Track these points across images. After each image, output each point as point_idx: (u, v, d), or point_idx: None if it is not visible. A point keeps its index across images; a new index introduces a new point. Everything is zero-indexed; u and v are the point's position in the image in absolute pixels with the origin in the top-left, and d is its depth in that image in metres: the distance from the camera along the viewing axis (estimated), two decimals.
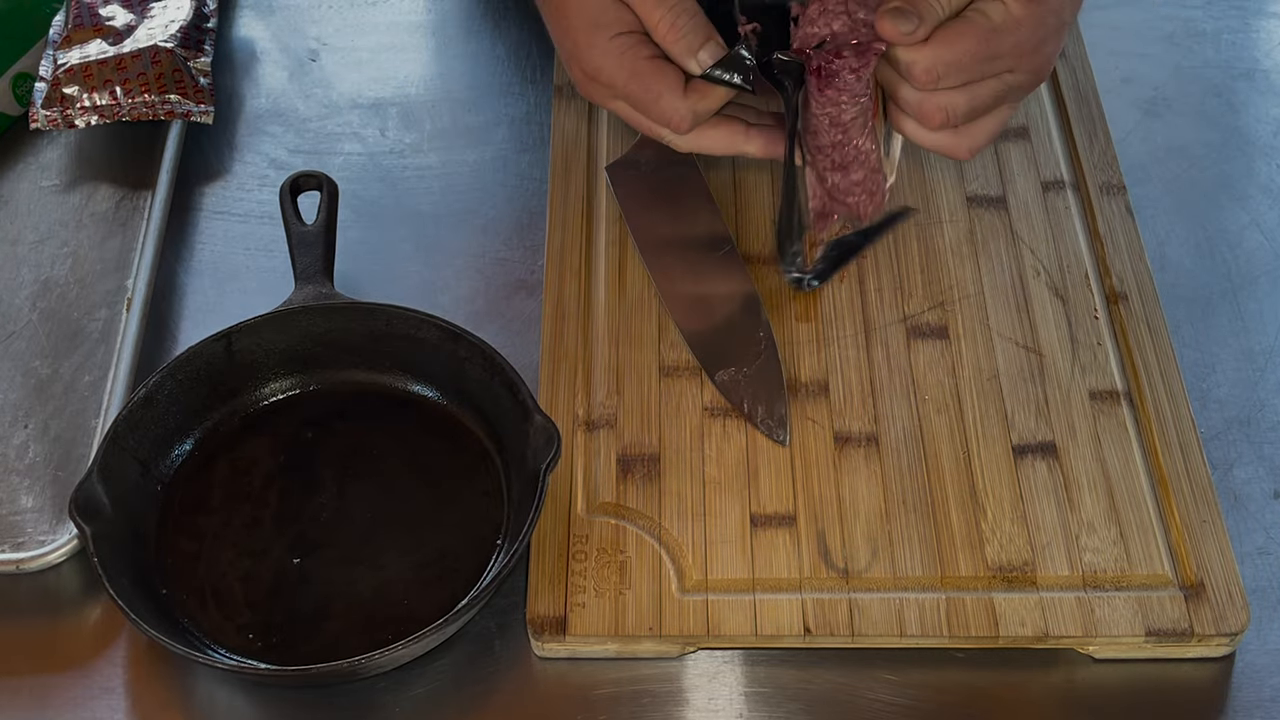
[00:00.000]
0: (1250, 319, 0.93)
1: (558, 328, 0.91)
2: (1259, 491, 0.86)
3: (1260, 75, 1.08)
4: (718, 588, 0.80)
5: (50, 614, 0.82)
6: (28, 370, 0.91)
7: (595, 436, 0.86)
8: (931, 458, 0.85)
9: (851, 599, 0.79)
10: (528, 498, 0.80)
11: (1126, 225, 0.95)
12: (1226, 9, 1.12)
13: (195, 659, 0.76)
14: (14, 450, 0.87)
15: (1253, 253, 0.97)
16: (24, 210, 0.99)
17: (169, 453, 0.85)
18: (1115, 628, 0.78)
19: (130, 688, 0.79)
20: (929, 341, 0.90)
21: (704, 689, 0.79)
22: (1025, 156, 0.99)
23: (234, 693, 0.80)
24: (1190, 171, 1.02)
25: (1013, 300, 0.92)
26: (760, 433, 0.86)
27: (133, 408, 0.84)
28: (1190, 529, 0.81)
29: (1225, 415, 0.89)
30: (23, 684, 0.80)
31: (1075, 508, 0.82)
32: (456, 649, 0.80)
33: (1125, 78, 1.07)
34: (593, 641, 0.79)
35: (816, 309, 0.92)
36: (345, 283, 0.92)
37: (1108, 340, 0.90)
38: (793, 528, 0.82)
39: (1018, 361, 0.89)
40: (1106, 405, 0.87)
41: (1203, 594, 0.79)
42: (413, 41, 1.12)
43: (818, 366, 0.89)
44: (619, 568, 0.81)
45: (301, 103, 1.08)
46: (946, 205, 0.97)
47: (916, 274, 0.93)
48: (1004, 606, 0.79)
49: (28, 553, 0.82)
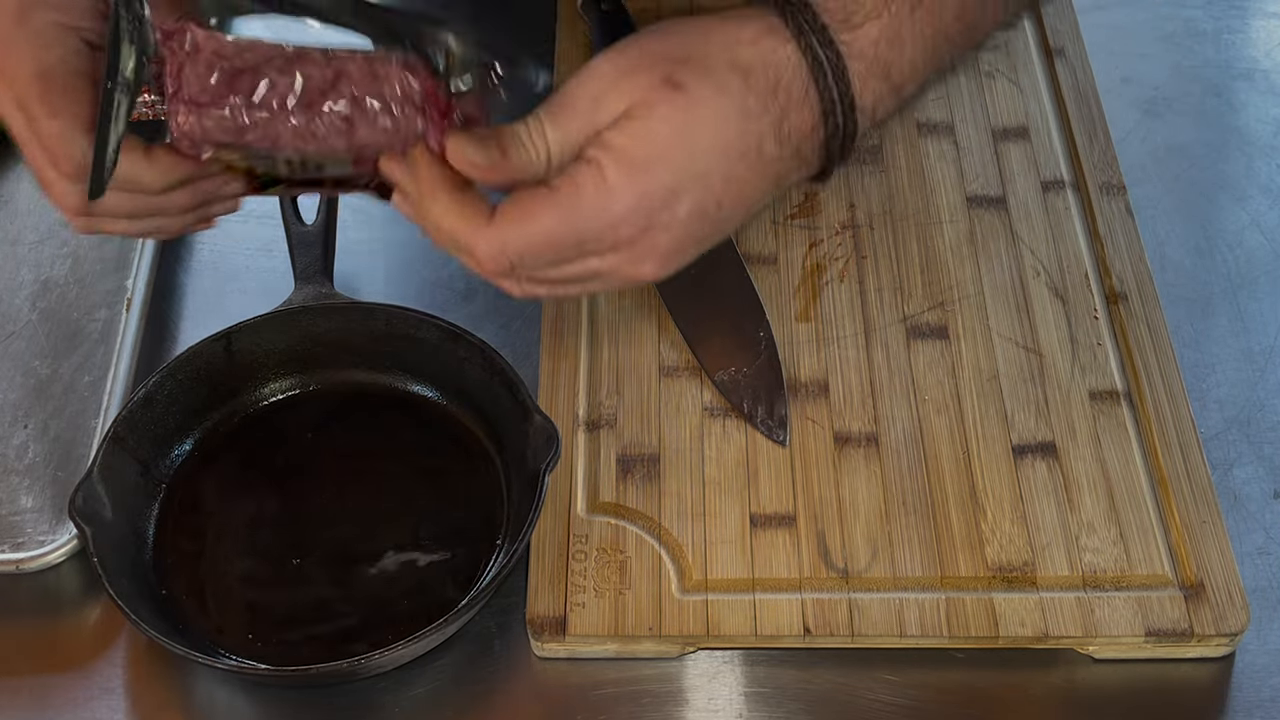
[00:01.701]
0: (1250, 319, 0.93)
1: (558, 328, 0.91)
2: (1259, 491, 0.86)
3: (1260, 75, 1.08)
4: (717, 588, 0.80)
5: (50, 614, 0.82)
6: (27, 370, 0.91)
7: (595, 436, 0.86)
8: (931, 458, 0.85)
9: (851, 599, 0.79)
10: (528, 498, 0.80)
11: (1126, 225, 0.95)
12: (1226, 9, 1.12)
13: (195, 659, 0.76)
14: (14, 450, 0.87)
15: (1253, 253, 0.97)
16: (24, 210, 0.99)
17: (169, 453, 0.85)
18: (1115, 628, 0.78)
19: (130, 688, 0.79)
20: (929, 342, 0.90)
21: (704, 689, 0.79)
22: (1025, 156, 0.99)
23: (234, 693, 0.80)
24: (1190, 171, 1.02)
25: (1013, 300, 0.92)
26: (760, 433, 0.86)
27: (133, 408, 0.84)
28: (1190, 529, 0.81)
29: (1225, 415, 0.89)
30: (23, 684, 0.80)
31: (1075, 508, 0.82)
32: (456, 649, 0.80)
33: (1125, 78, 1.07)
34: (593, 641, 0.79)
35: (816, 309, 0.92)
36: (345, 283, 0.92)
37: (1108, 340, 0.90)
38: (792, 528, 0.82)
39: (1018, 362, 0.89)
40: (1106, 405, 0.87)
41: (1203, 594, 0.79)
42: None
43: (818, 366, 0.89)
44: (619, 568, 0.81)
45: None
46: (946, 205, 0.97)
47: (916, 274, 0.93)
48: (1004, 607, 0.79)
49: (28, 553, 0.82)
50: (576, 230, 0.66)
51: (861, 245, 0.95)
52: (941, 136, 1.00)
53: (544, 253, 0.66)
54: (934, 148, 1.00)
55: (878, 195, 0.97)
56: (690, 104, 0.65)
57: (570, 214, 0.65)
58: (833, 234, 0.95)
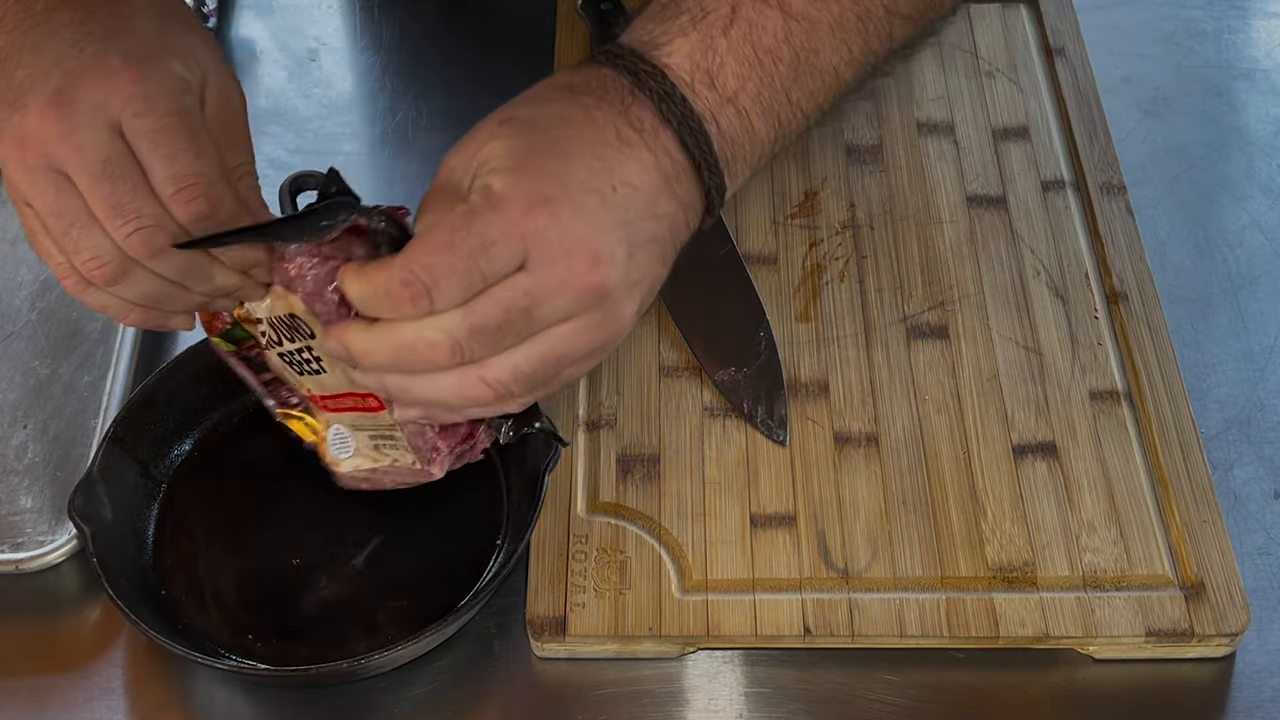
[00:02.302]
0: (1250, 319, 0.93)
1: None
2: (1259, 491, 0.85)
3: (1260, 75, 1.08)
4: (718, 588, 0.80)
5: (50, 614, 0.82)
6: (27, 370, 0.91)
7: (595, 436, 0.86)
8: (931, 458, 0.85)
9: (851, 599, 0.79)
10: (528, 498, 0.80)
11: (1126, 225, 0.95)
12: (1226, 9, 1.12)
13: (195, 659, 0.76)
14: (13, 450, 0.87)
15: (1253, 253, 0.97)
16: None
17: (169, 453, 0.85)
18: (1115, 628, 0.78)
19: (130, 688, 0.79)
20: (929, 341, 0.90)
21: (704, 689, 0.79)
22: (1025, 156, 0.99)
23: (234, 693, 0.80)
24: (1190, 171, 1.02)
25: (1013, 300, 0.92)
26: (760, 433, 0.86)
27: (132, 408, 0.84)
28: (1190, 529, 0.81)
29: (1225, 415, 0.89)
30: (22, 685, 0.80)
31: (1075, 508, 0.82)
32: (456, 649, 0.80)
33: (1125, 78, 1.07)
34: (592, 641, 0.79)
35: (817, 309, 0.92)
36: None
37: (1108, 340, 0.90)
38: (793, 528, 0.82)
39: (1018, 361, 0.89)
40: (1106, 405, 0.87)
41: (1203, 594, 0.79)
42: (413, 41, 1.12)
43: (818, 366, 0.89)
44: (619, 568, 0.80)
45: (301, 102, 1.08)
46: (946, 205, 0.97)
47: (916, 274, 0.93)
48: (1004, 607, 0.79)
49: (27, 553, 0.82)
50: (473, 231, 0.64)
51: (862, 245, 0.95)
52: (942, 136, 1.00)
53: (449, 261, 0.64)
54: (934, 147, 1.00)
55: (878, 195, 0.97)
56: (530, 118, 0.68)
57: (464, 220, 0.64)
58: (833, 234, 0.95)
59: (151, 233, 0.67)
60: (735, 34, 0.71)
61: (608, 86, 0.69)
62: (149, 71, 0.68)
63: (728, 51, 0.70)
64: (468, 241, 0.64)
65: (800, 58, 0.72)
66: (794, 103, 0.73)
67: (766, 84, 0.71)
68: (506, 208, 0.64)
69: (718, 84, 0.70)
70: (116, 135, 0.67)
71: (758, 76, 0.71)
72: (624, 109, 0.69)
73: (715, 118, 0.70)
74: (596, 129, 0.68)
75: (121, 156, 0.67)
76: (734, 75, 0.71)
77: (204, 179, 0.68)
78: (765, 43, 0.71)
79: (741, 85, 0.71)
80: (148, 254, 0.68)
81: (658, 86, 0.69)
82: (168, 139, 0.68)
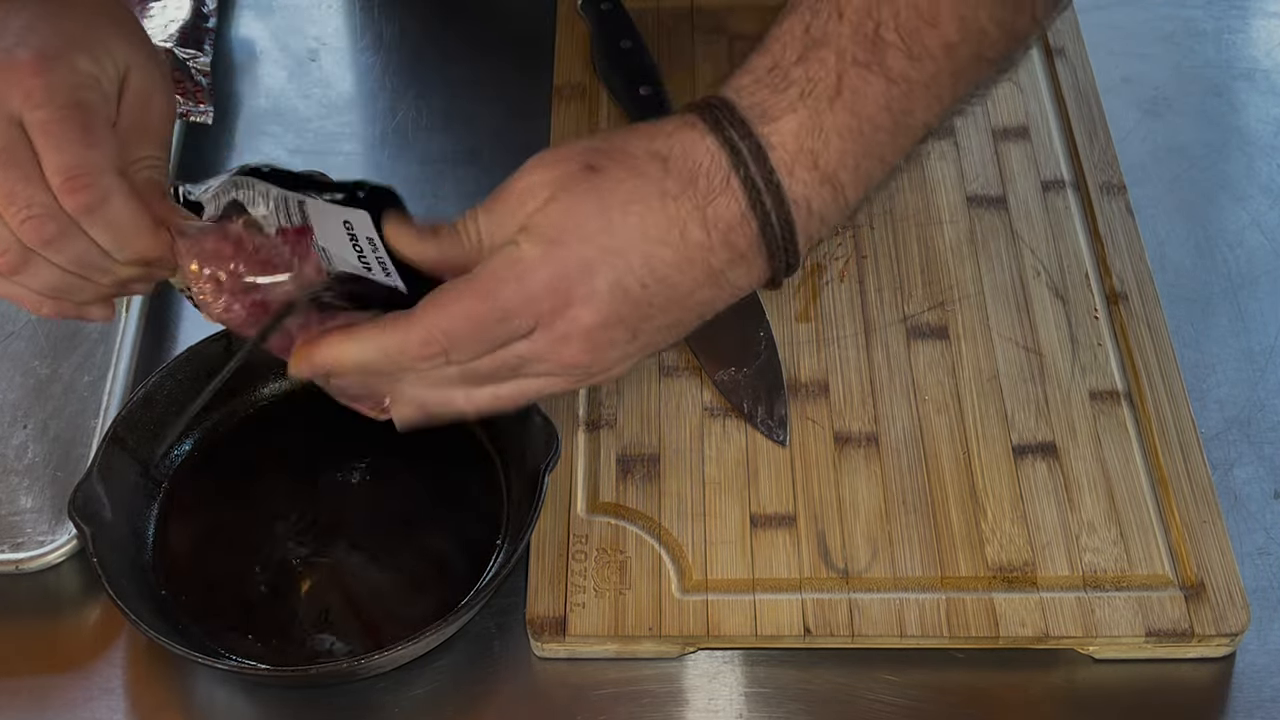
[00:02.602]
0: (1250, 319, 0.93)
1: None
2: (1259, 491, 0.85)
3: (1260, 75, 1.08)
4: (718, 588, 0.80)
5: (50, 614, 0.82)
6: (27, 370, 0.91)
7: (595, 436, 0.86)
8: (931, 458, 0.85)
9: (851, 599, 0.79)
10: (528, 498, 0.80)
11: (1126, 225, 0.95)
12: (1226, 9, 1.12)
13: (195, 659, 0.76)
14: (13, 450, 0.87)
15: (1253, 253, 0.97)
16: None
17: (169, 453, 0.85)
18: (1115, 628, 0.78)
19: (130, 688, 0.79)
20: (929, 342, 0.90)
21: (704, 689, 0.79)
22: (1025, 156, 0.99)
23: (234, 693, 0.80)
24: (1190, 171, 1.02)
25: (1013, 300, 0.92)
26: (760, 433, 0.86)
27: (132, 408, 0.84)
28: (1190, 529, 0.81)
29: (1225, 415, 0.89)
30: (22, 684, 0.80)
31: (1075, 508, 0.82)
32: (456, 649, 0.80)
33: (1125, 78, 1.07)
34: (592, 641, 0.79)
35: (816, 309, 0.91)
36: None
37: (1108, 340, 0.90)
38: (793, 528, 0.82)
39: (1018, 362, 0.89)
40: (1106, 405, 0.87)
41: (1203, 594, 0.79)
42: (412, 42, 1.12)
43: (818, 366, 0.89)
44: (619, 568, 0.80)
45: (301, 103, 1.08)
46: (946, 205, 0.97)
47: (916, 274, 0.93)
48: (1004, 607, 0.79)
49: (27, 553, 0.82)
50: (496, 304, 0.67)
51: (861, 245, 0.95)
52: (942, 136, 1.00)
53: (469, 330, 0.68)
54: (934, 147, 1.00)
55: (878, 195, 0.97)
56: (606, 183, 0.68)
57: (490, 289, 0.67)
58: (832, 233, 0.95)
59: (41, 221, 0.69)
60: (840, 106, 0.69)
61: (701, 170, 0.68)
62: (53, 65, 0.70)
63: (833, 128, 0.68)
64: (491, 314, 0.67)
65: (898, 121, 0.70)
66: (885, 162, 0.71)
67: (865, 153, 0.70)
68: (530, 281, 0.67)
69: (820, 163, 0.69)
70: (15, 127, 0.69)
71: (858, 149, 0.69)
72: (707, 201, 0.68)
73: (809, 201, 0.69)
74: (661, 228, 0.68)
75: (17, 146, 0.69)
76: (836, 151, 0.69)
77: (93, 170, 0.69)
78: (867, 111, 0.69)
79: (842, 161, 0.69)
80: (39, 242, 0.70)
81: (758, 171, 0.68)
82: (59, 130, 0.69)
